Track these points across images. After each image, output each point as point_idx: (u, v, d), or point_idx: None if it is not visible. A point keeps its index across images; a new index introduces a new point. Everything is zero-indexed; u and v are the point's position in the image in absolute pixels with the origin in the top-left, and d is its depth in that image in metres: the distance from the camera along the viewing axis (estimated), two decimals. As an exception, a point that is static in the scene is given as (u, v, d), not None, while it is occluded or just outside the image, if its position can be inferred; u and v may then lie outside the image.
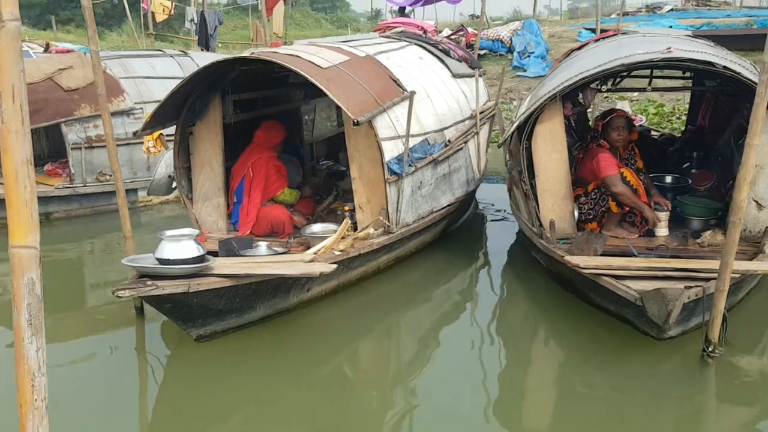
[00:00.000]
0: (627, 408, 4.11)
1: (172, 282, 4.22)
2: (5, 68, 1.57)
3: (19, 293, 1.69)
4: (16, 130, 1.59)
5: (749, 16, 19.82)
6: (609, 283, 4.54)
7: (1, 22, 1.54)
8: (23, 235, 1.66)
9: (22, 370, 1.73)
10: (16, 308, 1.70)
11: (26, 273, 1.69)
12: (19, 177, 1.62)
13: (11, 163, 1.60)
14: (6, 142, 1.59)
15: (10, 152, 1.60)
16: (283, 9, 16.44)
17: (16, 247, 1.67)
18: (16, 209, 1.65)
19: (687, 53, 5.16)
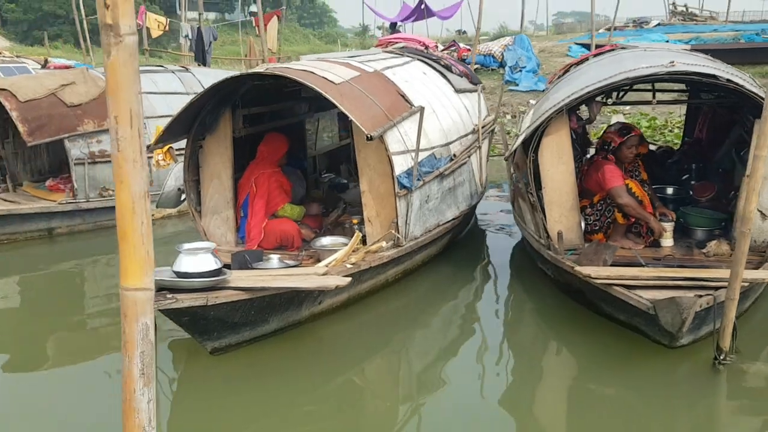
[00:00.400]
0: (643, 415, 4.15)
1: (191, 295, 4.25)
2: (123, 88, 1.43)
3: (132, 340, 1.52)
4: (133, 159, 1.45)
5: (736, 31, 20.17)
6: (621, 292, 4.60)
7: (119, 36, 1.39)
8: (138, 276, 1.50)
9: (131, 423, 1.56)
10: (128, 357, 1.53)
11: (141, 318, 1.52)
12: (137, 211, 1.47)
13: (128, 194, 1.47)
14: (122, 171, 1.45)
15: (126, 183, 1.46)
16: (276, 25, 16.53)
17: (131, 289, 1.50)
18: (132, 246, 1.48)
19: (690, 67, 5.27)
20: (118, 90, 1.42)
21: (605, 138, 5.71)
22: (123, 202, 1.48)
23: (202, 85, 9.24)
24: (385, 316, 5.76)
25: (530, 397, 4.62)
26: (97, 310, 6.23)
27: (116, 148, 1.44)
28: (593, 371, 4.78)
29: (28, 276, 7.10)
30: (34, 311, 6.18)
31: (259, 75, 5.52)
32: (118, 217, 1.47)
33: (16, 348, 5.34)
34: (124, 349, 1.52)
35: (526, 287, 6.42)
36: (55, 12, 40.36)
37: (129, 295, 1.51)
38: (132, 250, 1.48)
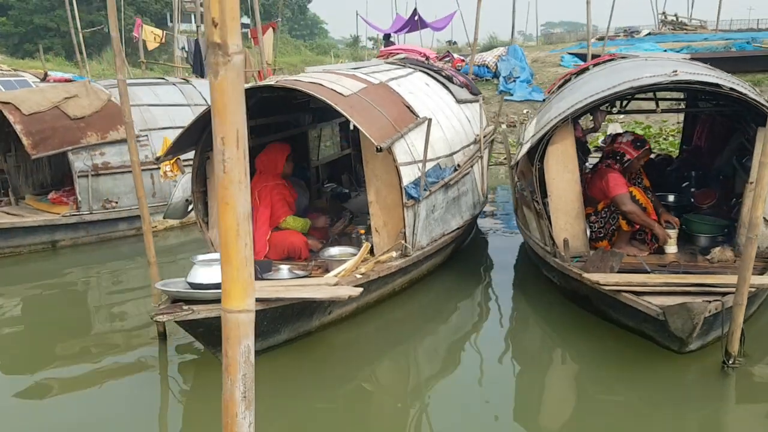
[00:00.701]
0: (653, 421, 4.18)
1: (207, 306, 4.28)
2: (230, 109, 1.39)
3: (234, 363, 1.47)
4: (239, 180, 1.41)
5: (726, 39, 20.38)
6: (630, 299, 4.66)
7: (227, 55, 1.35)
8: (242, 299, 1.47)
9: None
10: (230, 380, 1.48)
11: (243, 340, 1.48)
12: (240, 232, 1.44)
13: (233, 216, 1.43)
14: (227, 193, 1.40)
15: (232, 204, 1.42)
16: (272, 37, 16.60)
17: (234, 311, 1.47)
18: (235, 269, 1.45)
19: (693, 76, 5.36)
20: (225, 111, 1.39)
21: (616, 149, 5.77)
22: (228, 224, 1.44)
23: (203, 96, 9.30)
24: (392, 324, 5.80)
25: (539, 404, 4.66)
26: (102, 323, 6.22)
27: (222, 169, 1.40)
28: (601, 377, 4.83)
29: (32, 289, 7.09)
30: (38, 324, 6.16)
31: (269, 87, 5.56)
32: (222, 240, 1.45)
33: (21, 361, 5.33)
34: (226, 372, 1.48)
35: (530, 294, 6.47)
36: (46, 25, 40.37)
37: (232, 317, 1.48)
38: (235, 273, 1.45)
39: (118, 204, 8.21)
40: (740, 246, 5.45)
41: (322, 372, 4.91)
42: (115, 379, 4.93)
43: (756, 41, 18.87)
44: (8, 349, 5.63)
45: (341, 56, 51.09)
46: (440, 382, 4.89)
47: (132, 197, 8.24)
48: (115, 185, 8.14)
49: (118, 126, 8.15)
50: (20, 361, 5.38)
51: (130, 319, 6.20)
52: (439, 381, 4.92)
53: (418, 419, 4.37)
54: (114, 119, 8.15)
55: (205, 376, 4.89)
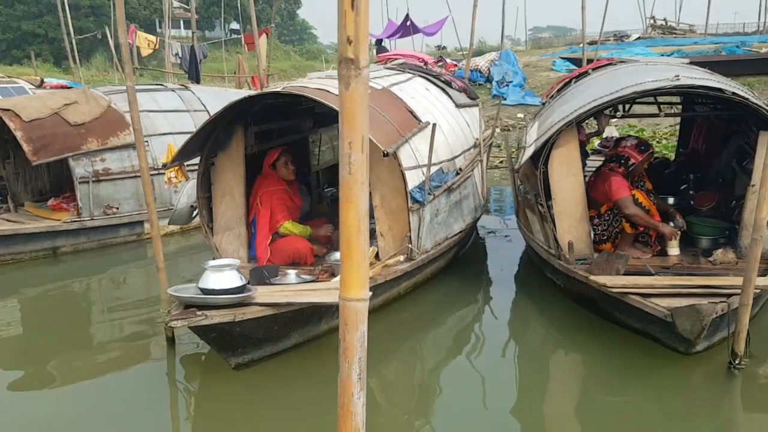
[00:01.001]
0: (662, 423, 4.22)
1: (220, 311, 4.29)
2: (358, 117, 1.54)
3: (351, 347, 1.65)
4: (362, 181, 1.56)
5: (716, 43, 20.59)
6: (637, 301, 4.72)
7: (359, 69, 1.49)
8: (359, 288, 1.63)
9: (348, 426, 1.70)
10: (347, 363, 1.66)
11: (360, 326, 1.65)
12: (361, 228, 1.58)
13: (356, 214, 1.58)
14: (352, 193, 1.55)
15: (354, 203, 1.57)
16: (266, 42, 16.63)
17: (352, 300, 1.63)
18: (356, 261, 1.61)
19: (696, 81, 5.43)
20: (354, 118, 1.54)
21: (620, 152, 5.83)
22: (351, 222, 1.58)
23: (202, 103, 9.31)
24: (397, 327, 5.82)
25: (545, 405, 4.69)
26: (109, 329, 6.21)
27: (347, 171, 1.54)
28: (607, 379, 4.86)
29: (36, 295, 7.07)
30: (40, 331, 6.14)
31: (274, 93, 5.58)
32: (343, 235, 1.58)
33: (23, 368, 5.30)
34: (344, 356, 1.66)
35: (533, 296, 6.52)
36: (34, 31, 40.24)
37: (351, 305, 1.64)
38: (356, 266, 1.61)
39: (119, 210, 8.20)
40: (742, 248, 5.54)
41: (330, 377, 4.90)
42: (123, 385, 4.93)
43: (746, 45, 19.08)
44: (15, 355, 5.61)
45: (331, 61, 51.22)
46: (446, 385, 4.90)
47: (132, 203, 8.27)
48: (115, 191, 8.13)
49: (119, 132, 8.16)
50: (14, 365, 5.38)
51: (137, 324, 6.18)
52: (445, 384, 4.93)
53: (424, 421, 4.40)
54: (114, 125, 8.15)
55: (212, 381, 4.90)
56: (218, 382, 4.83)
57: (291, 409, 4.50)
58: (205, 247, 8.33)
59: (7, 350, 5.74)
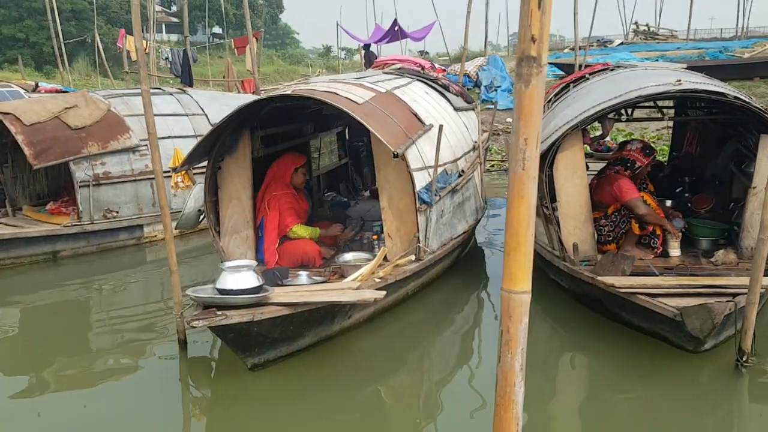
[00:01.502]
0: (672, 421, 4.31)
1: (239, 311, 4.33)
2: (534, 114, 1.57)
3: (515, 338, 1.69)
4: (534, 176, 1.60)
5: (698, 49, 20.89)
6: (646, 300, 4.81)
7: (540, 67, 1.53)
8: (525, 281, 1.69)
9: (509, 415, 1.73)
10: (510, 353, 1.69)
11: (523, 318, 1.71)
12: (530, 222, 1.63)
13: (526, 208, 1.63)
14: (524, 188, 1.59)
15: (526, 198, 1.62)
16: (255, 47, 16.60)
17: (519, 293, 1.69)
18: (524, 255, 1.67)
19: (697, 85, 5.55)
20: (531, 115, 1.57)
21: (626, 156, 5.94)
22: (521, 215, 1.63)
23: (200, 106, 9.32)
24: (406, 328, 5.88)
25: (554, 403, 4.74)
26: (112, 334, 6.19)
27: (521, 166, 1.58)
28: (614, 378, 4.94)
29: (37, 300, 7.05)
30: (47, 336, 6.11)
31: (286, 97, 5.63)
32: (512, 229, 1.63)
33: (30, 373, 5.27)
34: (507, 347, 1.70)
35: (537, 297, 6.42)
36: (15, 35, 39.74)
37: (516, 297, 1.70)
38: (523, 259, 1.67)
39: (119, 214, 8.19)
40: (743, 249, 5.66)
41: (341, 378, 4.96)
42: (135, 389, 4.95)
43: (728, 50, 19.39)
44: (22, 360, 5.59)
45: (313, 65, 51.27)
46: (454, 386, 4.97)
47: (132, 207, 8.26)
48: (115, 195, 8.12)
49: (118, 136, 8.16)
50: (14, 370, 5.37)
51: (146, 328, 6.19)
52: (453, 384, 5.00)
53: (434, 421, 4.45)
54: (114, 129, 8.15)
55: (225, 383, 4.93)
56: (231, 384, 4.86)
57: (304, 410, 4.54)
58: (204, 250, 8.37)
59: (13, 355, 5.72)
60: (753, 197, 5.53)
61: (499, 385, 1.74)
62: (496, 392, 1.76)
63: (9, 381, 5.16)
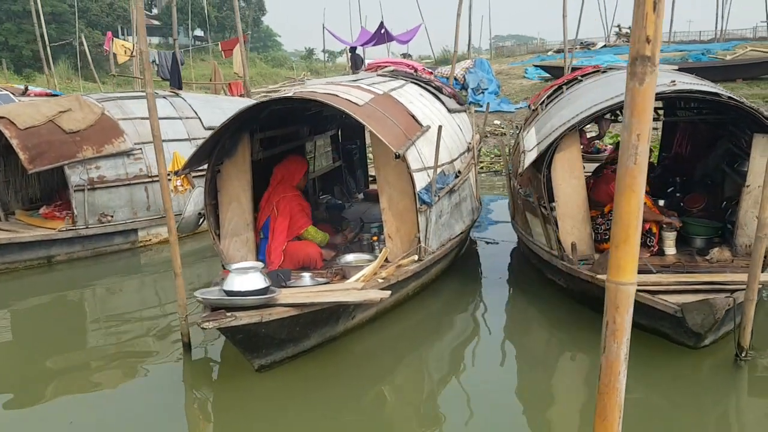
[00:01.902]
0: (674, 414, 4.40)
1: (248, 313, 4.35)
2: (647, 111, 1.67)
3: (621, 329, 1.79)
4: (643, 170, 1.71)
5: (681, 51, 21.15)
6: (646, 298, 4.90)
7: (653, 66, 1.65)
8: (632, 273, 1.79)
9: (612, 402, 1.83)
10: (616, 343, 1.78)
11: (629, 309, 1.79)
12: (639, 215, 1.74)
13: (636, 201, 1.74)
14: (635, 181, 1.70)
15: (636, 192, 1.73)
16: (244, 49, 16.59)
17: (626, 284, 1.78)
18: (632, 246, 1.77)
19: (692, 86, 5.66)
20: (645, 112, 1.68)
21: (612, 155, 6.04)
22: (631, 208, 1.74)
23: (193, 109, 9.31)
24: (408, 329, 5.93)
25: (556, 401, 4.82)
26: (106, 338, 6.15)
27: (633, 161, 1.69)
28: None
29: (34, 305, 7.00)
30: (41, 341, 6.06)
31: (288, 99, 5.65)
32: (621, 222, 1.75)
33: (26, 378, 5.25)
34: (612, 336, 1.79)
35: (533, 296, 6.66)
36: (-8, 38, 39.33)
37: (624, 289, 1.78)
38: (631, 251, 1.76)
39: (113, 218, 8.16)
40: (738, 246, 5.77)
41: (345, 378, 4.99)
42: (140, 392, 4.96)
43: (710, 52, 19.66)
44: (25, 365, 5.55)
45: (296, 68, 51.24)
46: (455, 386, 5.02)
47: (127, 211, 8.24)
48: (110, 199, 8.09)
49: (113, 139, 8.14)
50: (9, 376, 5.33)
51: (148, 331, 6.16)
52: (454, 385, 5.05)
53: (437, 421, 4.48)
54: (108, 133, 8.12)
55: (230, 385, 4.93)
56: (236, 386, 4.87)
57: (309, 411, 4.56)
58: (199, 254, 8.37)
59: (14, 360, 5.68)
60: (747, 195, 5.63)
61: (603, 374, 1.83)
62: (600, 380, 1.86)
63: (11, 385, 5.13)
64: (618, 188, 1.76)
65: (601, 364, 1.85)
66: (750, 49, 20.03)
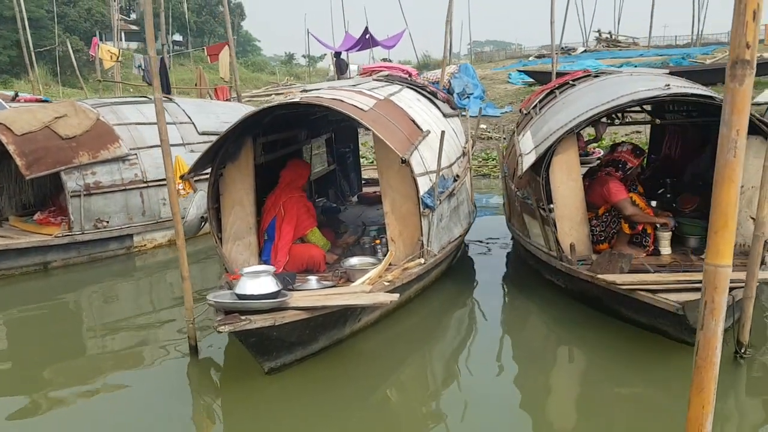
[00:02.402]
0: (674, 410, 4.43)
1: (263, 316, 4.40)
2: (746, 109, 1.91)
3: (719, 307, 2.05)
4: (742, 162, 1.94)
5: (661, 56, 21.49)
6: (647, 296, 5.01)
7: (751, 68, 1.87)
8: (729, 256, 2.03)
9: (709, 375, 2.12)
10: (714, 320, 2.06)
11: (726, 288, 2.05)
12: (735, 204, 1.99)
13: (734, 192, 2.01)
14: (734, 173, 1.96)
15: (735, 182, 1.98)
16: (228, 54, 16.59)
17: (724, 266, 2.01)
18: (729, 232, 2.02)
19: (686, 89, 5.80)
20: (744, 111, 1.93)
21: (617, 157, 6.17)
22: (730, 198, 2.00)
23: (187, 114, 9.33)
24: (409, 330, 5.99)
25: (556, 398, 4.90)
26: (100, 345, 6.12)
27: (732, 154, 1.93)
28: (614, 371, 5.11)
29: (27, 312, 6.96)
30: (34, 348, 6.02)
31: (294, 104, 5.70)
32: (719, 209, 2.00)
33: (16, 388, 5.22)
34: (711, 315, 2.05)
35: (533, 297, 6.75)
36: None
37: (722, 271, 2.04)
38: (729, 236, 2.00)
39: (109, 223, 8.15)
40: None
41: (352, 380, 5.03)
42: (146, 395, 4.95)
43: (691, 56, 20.00)
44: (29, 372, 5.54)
45: (277, 73, 51.22)
46: (458, 385, 5.08)
47: (122, 216, 8.24)
48: (106, 204, 8.08)
49: (108, 145, 8.13)
50: (6, 384, 5.32)
51: (153, 336, 6.18)
52: (456, 383, 5.12)
53: (441, 421, 4.54)
54: (104, 138, 8.12)
55: (237, 387, 4.94)
56: (244, 389, 4.88)
57: (317, 414, 4.59)
58: (191, 258, 8.37)
59: (12, 369, 5.65)
60: (741, 196, 5.76)
61: (701, 349, 2.08)
62: (697, 355, 2.12)
63: (8, 395, 5.10)
64: (717, 179, 1.96)
65: (698, 341, 2.13)
66: (728, 53, 20.32)
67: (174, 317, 6.45)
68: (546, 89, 8.69)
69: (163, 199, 8.54)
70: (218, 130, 9.33)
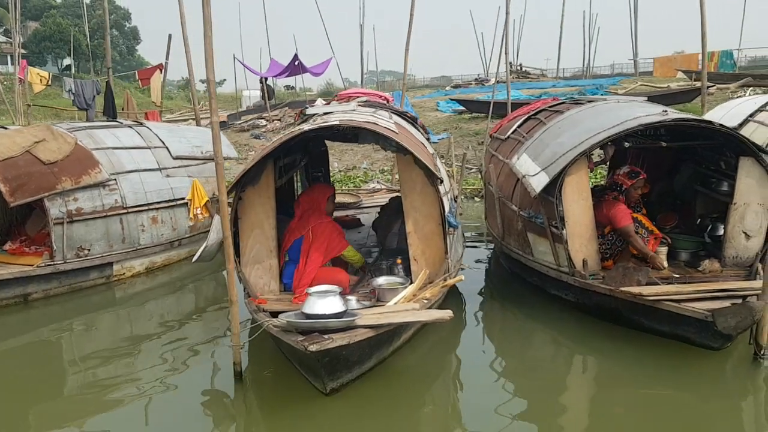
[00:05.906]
0: (708, 411, 4.87)
1: (340, 335, 4.41)
2: None
3: None
4: None
5: (574, 86, 22.77)
6: (673, 306, 5.38)
7: None
8: None
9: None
10: None
11: None
12: None
13: None
14: None
15: None
16: (159, 78, 16.25)
17: None
18: None
19: (683, 115, 6.32)
20: None
21: (615, 180, 6.60)
22: None
23: (159, 138, 9.10)
24: (437, 346, 6.15)
25: (588, 408, 5.17)
26: (79, 378, 5.82)
27: None
28: (640, 376, 5.42)
29: (8, 347, 6.56)
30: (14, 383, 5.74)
31: (334, 126, 5.75)
32: None
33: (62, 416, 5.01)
34: None
35: (539, 313, 6.94)
36: None
37: None
38: None
39: (90, 252, 7.80)
40: (726, 258, 6.40)
41: (400, 399, 5.07)
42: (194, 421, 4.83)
43: (603, 87, 21.31)
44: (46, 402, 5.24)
45: (175, 98, 50.18)
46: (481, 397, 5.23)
47: (103, 244, 7.93)
48: (87, 232, 7.73)
49: (89, 170, 7.82)
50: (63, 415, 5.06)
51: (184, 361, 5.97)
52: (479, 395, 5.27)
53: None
54: (84, 163, 7.80)
55: (287, 412, 4.88)
56: (293, 413, 4.82)
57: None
58: (170, 287, 8.20)
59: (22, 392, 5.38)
60: (734, 212, 6.29)
61: None
62: None
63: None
64: None
65: None
66: (640, 83, 21.92)
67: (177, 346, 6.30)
68: (517, 116, 9.10)
69: (142, 225, 8.27)
70: (191, 154, 9.19)
